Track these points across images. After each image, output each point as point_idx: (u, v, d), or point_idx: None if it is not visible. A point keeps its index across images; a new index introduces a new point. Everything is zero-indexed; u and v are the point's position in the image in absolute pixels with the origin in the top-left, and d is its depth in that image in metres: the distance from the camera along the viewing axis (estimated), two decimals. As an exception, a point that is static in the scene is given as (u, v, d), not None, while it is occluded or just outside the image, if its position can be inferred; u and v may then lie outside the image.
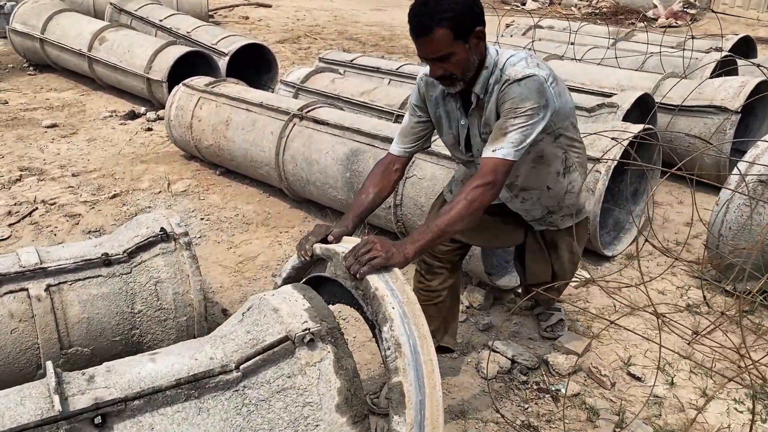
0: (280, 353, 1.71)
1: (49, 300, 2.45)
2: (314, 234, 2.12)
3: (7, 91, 7.15)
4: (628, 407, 2.87)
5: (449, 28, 1.99)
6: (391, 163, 2.41)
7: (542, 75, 2.09)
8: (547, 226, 2.68)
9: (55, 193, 4.73)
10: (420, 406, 1.66)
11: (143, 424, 1.57)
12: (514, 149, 2.04)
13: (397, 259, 1.88)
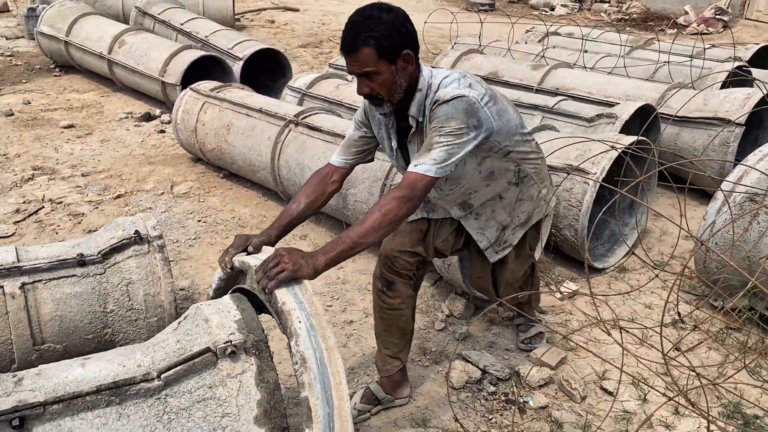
0: (202, 364, 1.76)
1: (23, 297, 2.55)
2: (234, 246, 2.15)
3: (31, 92, 7.39)
4: (595, 421, 2.85)
5: (374, 47, 2.03)
6: (329, 175, 2.44)
7: (472, 96, 2.10)
8: (501, 252, 2.67)
9: (62, 192, 4.89)
10: (328, 418, 1.70)
11: (62, 427, 1.64)
12: (436, 166, 2.06)
13: (305, 272, 1.89)
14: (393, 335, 2.74)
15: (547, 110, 4.91)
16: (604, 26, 12.49)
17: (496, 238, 2.62)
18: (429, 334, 3.36)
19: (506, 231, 2.63)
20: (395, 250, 2.64)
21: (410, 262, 2.65)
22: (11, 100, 7.02)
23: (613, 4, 14.72)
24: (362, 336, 3.29)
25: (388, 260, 2.66)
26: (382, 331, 2.75)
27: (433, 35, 10.44)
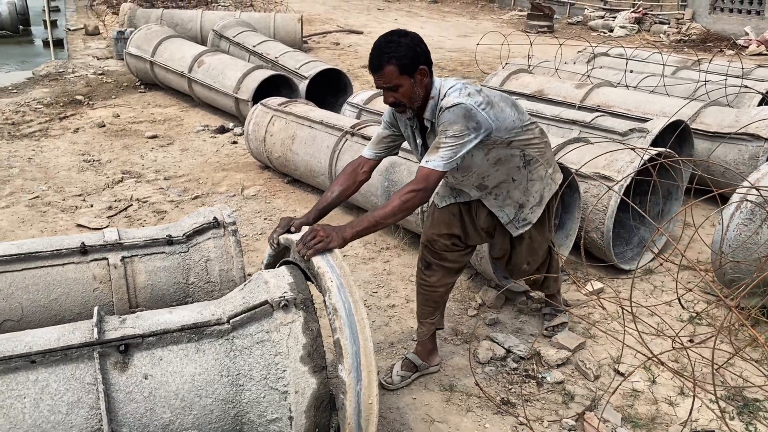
0: (261, 313, 2.26)
1: (123, 268, 3.13)
2: (280, 226, 2.69)
3: (120, 107, 8.23)
4: (605, 397, 3.23)
5: (395, 65, 2.54)
6: (360, 166, 2.95)
7: (470, 103, 2.57)
8: (521, 228, 3.09)
9: (148, 193, 5.57)
10: (356, 355, 2.18)
11: (155, 355, 2.18)
12: (443, 162, 2.55)
13: (336, 242, 2.42)
14: (428, 306, 3.23)
15: (584, 125, 5.29)
16: (662, 47, 12.68)
17: (514, 215, 3.04)
18: (462, 318, 3.80)
19: (524, 209, 3.04)
20: (434, 234, 3.13)
21: (447, 245, 3.13)
22: (102, 113, 7.86)
23: (673, 26, 14.83)
24: (402, 318, 3.77)
25: (429, 243, 3.16)
26: (421, 303, 3.25)
27: (489, 56, 10.94)
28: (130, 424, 2.13)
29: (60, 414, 2.06)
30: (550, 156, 3.07)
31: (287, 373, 2.23)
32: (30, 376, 2.07)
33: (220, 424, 2.25)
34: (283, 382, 2.23)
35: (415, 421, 2.96)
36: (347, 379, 2.19)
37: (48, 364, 2.10)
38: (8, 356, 2.06)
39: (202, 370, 2.22)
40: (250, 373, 2.24)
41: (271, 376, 2.23)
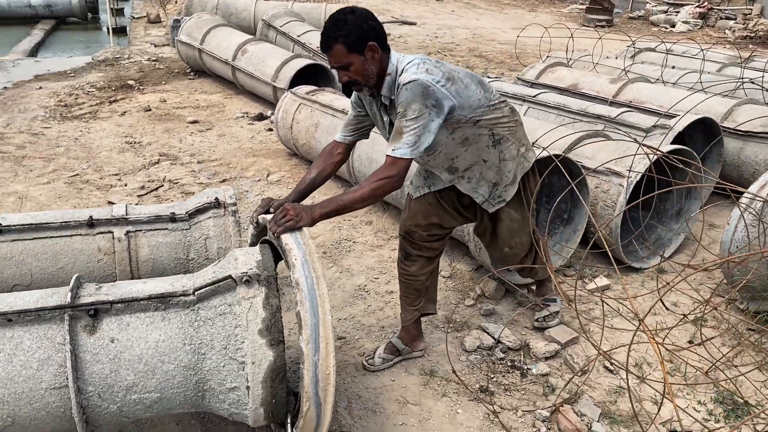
0: (225, 287, 2.37)
1: (126, 242, 3.31)
2: (261, 206, 2.75)
3: (168, 92, 8.55)
4: (589, 392, 3.21)
5: (342, 44, 2.52)
6: (335, 148, 2.99)
7: (427, 79, 2.51)
8: (497, 204, 3.05)
9: (180, 175, 5.80)
10: (315, 327, 2.26)
11: (123, 321, 2.32)
12: (409, 149, 2.53)
13: (305, 221, 2.49)
14: (410, 294, 3.27)
15: (608, 120, 5.20)
16: (725, 44, 12.21)
17: (489, 193, 3.01)
18: (458, 308, 3.83)
19: (498, 187, 3.00)
20: (412, 225, 3.16)
21: (424, 235, 3.16)
22: (151, 98, 8.19)
23: (740, 22, 14.22)
24: (398, 304, 3.79)
25: (407, 235, 3.19)
26: (403, 291, 3.29)
27: (543, 49, 10.77)
28: (95, 383, 2.28)
29: (31, 369, 2.23)
30: (521, 134, 3.02)
31: (245, 344, 2.33)
32: (6, 333, 2.25)
33: (182, 389, 2.38)
34: (241, 353, 2.33)
35: (389, 402, 3.03)
36: (305, 350, 2.28)
37: (23, 323, 2.27)
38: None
39: (166, 338, 2.35)
40: (211, 343, 2.36)
41: (231, 346, 2.34)
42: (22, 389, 2.23)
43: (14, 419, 2.26)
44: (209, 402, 2.45)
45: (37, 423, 2.31)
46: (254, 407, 2.39)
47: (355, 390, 3.08)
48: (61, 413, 2.30)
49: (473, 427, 2.90)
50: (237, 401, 2.40)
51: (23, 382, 2.23)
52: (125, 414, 2.39)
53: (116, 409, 2.36)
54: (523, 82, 6.90)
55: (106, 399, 2.32)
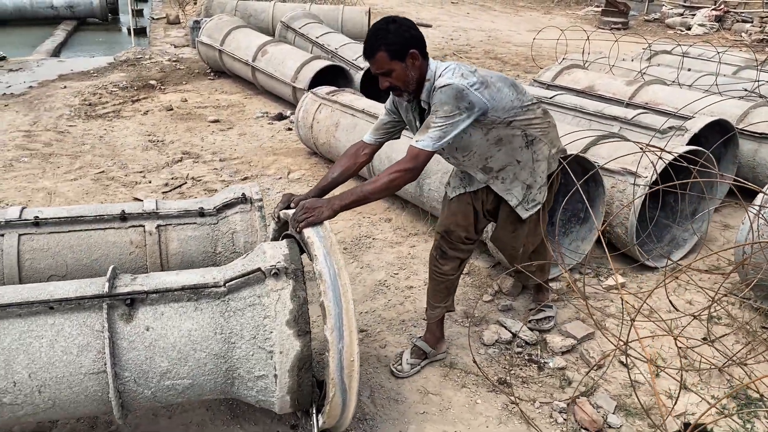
0: (254, 279, 2.48)
1: (157, 235, 3.43)
2: (282, 201, 2.88)
3: (189, 92, 8.70)
4: (604, 385, 3.29)
5: (385, 51, 2.64)
6: (361, 149, 3.08)
7: (461, 84, 2.62)
8: (531, 209, 3.10)
9: (203, 172, 5.92)
10: (338, 316, 2.36)
11: (157, 310, 2.44)
12: (432, 142, 2.63)
13: (326, 214, 2.60)
14: (440, 292, 3.34)
15: (624, 121, 5.27)
16: (741, 47, 12.19)
17: (523, 196, 3.07)
18: (476, 303, 3.92)
19: (532, 190, 3.07)
20: (451, 224, 3.22)
21: (462, 236, 3.22)
22: (172, 97, 8.34)
23: (756, 24, 14.17)
24: (418, 299, 3.92)
25: (446, 234, 3.25)
26: (434, 289, 3.35)
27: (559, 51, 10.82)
28: (131, 369, 2.39)
29: (71, 354, 2.35)
30: (554, 136, 3.10)
31: (274, 334, 2.43)
32: (48, 320, 2.37)
33: (213, 377, 2.49)
34: (269, 342, 2.44)
35: (410, 392, 3.12)
36: (330, 338, 2.38)
37: (64, 311, 2.39)
38: (30, 301, 2.36)
39: (198, 327, 2.46)
40: (241, 333, 2.46)
41: (260, 336, 2.45)
42: (63, 373, 2.35)
43: (55, 402, 2.38)
44: (238, 389, 2.55)
45: (75, 406, 2.42)
46: (281, 395, 2.49)
47: (378, 380, 3.18)
48: (98, 397, 2.41)
49: (492, 417, 2.98)
50: (265, 389, 2.50)
51: (64, 367, 2.34)
52: (158, 399, 2.50)
53: (150, 395, 2.47)
54: (539, 84, 6.97)
55: (141, 384, 2.43)
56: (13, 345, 2.30)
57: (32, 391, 2.32)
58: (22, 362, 2.31)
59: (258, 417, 2.92)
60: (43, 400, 2.35)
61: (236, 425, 2.88)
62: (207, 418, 2.92)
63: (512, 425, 2.95)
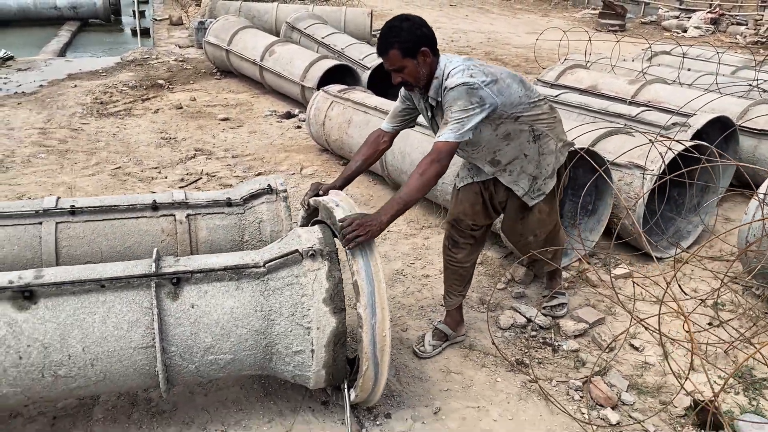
0: (292, 260, 2.63)
1: (187, 224, 3.57)
2: (311, 190, 3.05)
3: (197, 91, 8.83)
4: (617, 366, 3.45)
5: (398, 49, 2.77)
6: (381, 137, 3.23)
7: (472, 82, 2.74)
8: (536, 198, 3.27)
9: (217, 168, 6.06)
10: (371, 294, 2.52)
11: (201, 289, 2.59)
12: (453, 134, 2.75)
13: (374, 232, 2.65)
14: (456, 281, 3.49)
15: (629, 118, 5.44)
16: (737, 48, 12.40)
17: (529, 187, 3.23)
18: (491, 290, 4.07)
19: (538, 181, 3.22)
20: (460, 213, 3.38)
21: (469, 224, 3.38)
22: (181, 96, 8.47)
23: (751, 27, 14.41)
24: (434, 287, 4.07)
25: (455, 223, 3.41)
26: (449, 277, 3.51)
27: (556, 53, 11.01)
28: (177, 344, 2.54)
29: (122, 330, 2.49)
30: (560, 131, 3.25)
31: (311, 311, 2.58)
32: (100, 298, 2.51)
33: (253, 352, 2.64)
34: (307, 319, 2.59)
35: (434, 371, 3.28)
36: (364, 314, 2.54)
37: (114, 289, 2.53)
38: (84, 280, 2.50)
39: (240, 305, 2.61)
40: (280, 310, 2.61)
41: (298, 313, 2.60)
42: (114, 348, 2.49)
43: (106, 375, 2.52)
44: (275, 364, 2.70)
45: (125, 380, 2.57)
46: (317, 369, 2.64)
47: (402, 361, 3.33)
48: (146, 371, 2.56)
49: (512, 393, 3.14)
50: (301, 363, 2.65)
51: (115, 342, 2.49)
52: (201, 374, 2.65)
53: (194, 369, 2.61)
54: (542, 83, 7.15)
55: (186, 359, 2.57)
56: (68, 320, 2.45)
57: (85, 364, 2.47)
58: (77, 336, 2.45)
59: (290, 394, 3.07)
60: (95, 372, 2.49)
61: (270, 402, 3.02)
62: (241, 395, 3.07)
63: (531, 401, 3.11)
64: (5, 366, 2.37)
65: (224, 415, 2.93)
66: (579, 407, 3.10)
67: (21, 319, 2.40)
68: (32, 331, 2.40)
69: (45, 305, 2.44)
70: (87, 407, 2.96)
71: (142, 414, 2.93)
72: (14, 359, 2.38)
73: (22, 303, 2.42)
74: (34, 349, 2.40)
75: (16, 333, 2.39)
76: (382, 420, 2.93)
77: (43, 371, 2.42)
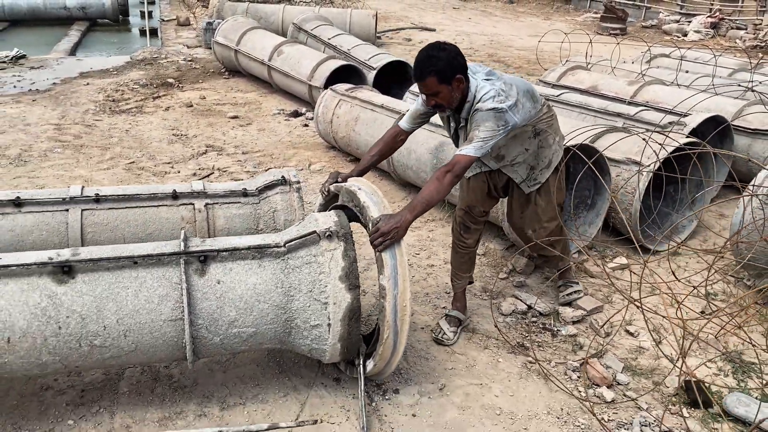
0: (310, 240, 2.83)
1: (205, 213, 3.76)
2: (330, 177, 3.29)
3: (206, 90, 9.03)
4: (613, 349, 3.64)
5: (435, 77, 2.98)
6: (398, 134, 3.44)
7: (502, 107, 3.00)
8: (532, 186, 3.56)
9: (227, 164, 6.26)
10: (394, 267, 2.72)
11: (226, 266, 2.78)
12: (474, 150, 3.00)
13: (402, 233, 2.83)
14: (465, 264, 3.74)
15: (627, 117, 5.64)
16: (735, 52, 12.60)
17: (527, 175, 3.52)
18: (493, 280, 4.27)
19: (535, 171, 3.51)
20: (472, 200, 3.66)
21: (480, 211, 3.66)
22: (191, 95, 8.67)
23: (750, 32, 14.62)
24: (439, 275, 4.27)
25: (468, 209, 3.66)
26: (458, 261, 3.75)
27: (557, 55, 11.21)
28: (204, 317, 2.73)
29: (153, 303, 2.68)
30: (557, 126, 3.55)
31: (328, 288, 2.78)
32: (132, 273, 2.70)
33: (273, 326, 2.83)
34: (324, 295, 2.78)
35: (439, 351, 3.47)
36: (387, 285, 2.74)
37: (146, 266, 2.73)
38: (118, 257, 2.70)
39: (262, 281, 2.80)
40: (299, 287, 2.81)
41: (316, 289, 2.79)
42: (145, 320, 2.68)
43: (137, 346, 2.71)
44: (294, 338, 2.89)
45: (154, 351, 2.76)
46: (333, 342, 2.83)
47: (409, 342, 3.52)
48: (174, 342, 2.75)
49: (513, 373, 3.33)
50: (318, 337, 2.84)
51: (146, 314, 2.68)
52: (225, 346, 2.84)
53: (219, 341, 2.81)
54: (544, 84, 7.35)
55: (211, 331, 2.77)
56: (103, 294, 2.64)
57: (119, 335, 2.66)
58: (111, 309, 2.64)
59: (303, 372, 3.26)
60: (127, 343, 2.69)
61: (285, 378, 3.21)
62: (258, 372, 3.26)
63: (531, 380, 3.30)
64: (46, 335, 2.57)
65: (242, 390, 3.13)
66: (576, 386, 3.29)
67: (60, 292, 2.60)
68: (71, 303, 2.60)
69: (83, 279, 2.63)
70: (113, 382, 3.16)
71: (164, 388, 3.12)
72: (54, 329, 2.57)
73: (61, 277, 2.61)
74: (72, 320, 2.59)
75: (56, 305, 2.58)
76: (390, 395, 3.12)
77: (80, 341, 2.62)
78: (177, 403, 3.03)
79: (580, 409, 3.11)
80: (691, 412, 3.15)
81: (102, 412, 2.94)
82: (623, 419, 3.07)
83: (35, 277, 2.61)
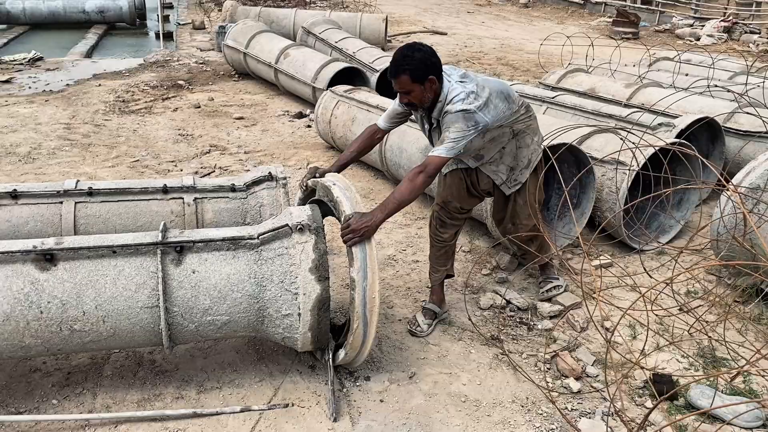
0: (283, 233, 2.95)
1: (194, 206, 3.90)
2: (309, 172, 3.40)
3: (215, 91, 9.23)
4: (586, 344, 3.72)
5: (408, 75, 3.09)
6: (376, 133, 3.56)
7: (470, 107, 3.09)
8: (513, 187, 3.65)
9: (229, 163, 6.42)
10: (363, 259, 2.85)
11: (202, 257, 2.92)
12: (446, 150, 3.10)
13: (372, 231, 2.94)
14: (441, 257, 3.85)
15: (619, 119, 5.70)
16: (740, 54, 12.54)
17: (507, 177, 3.62)
18: (476, 275, 4.37)
19: (515, 171, 3.61)
20: (448, 196, 3.75)
21: (457, 207, 3.75)
22: (200, 96, 8.88)
23: (764, 36, 14.52)
24: (422, 271, 4.37)
25: (444, 205, 3.77)
26: (434, 255, 3.86)
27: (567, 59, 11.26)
28: (179, 305, 2.87)
29: (130, 291, 2.83)
30: (535, 127, 3.62)
31: (299, 279, 2.91)
32: (112, 262, 2.85)
33: (246, 315, 2.96)
34: (295, 285, 2.91)
35: (413, 342, 3.59)
36: (356, 277, 2.86)
37: (125, 255, 2.87)
38: (97, 246, 2.85)
39: (235, 272, 2.94)
40: (271, 277, 2.93)
41: (287, 280, 2.92)
42: (123, 306, 2.83)
43: (115, 331, 2.86)
44: (267, 327, 3.02)
45: (132, 336, 2.91)
46: (303, 331, 2.96)
47: (385, 333, 3.64)
48: (151, 328, 2.89)
49: (483, 363, 3.43)
50: (290, 326, 2.97)
51: (124, 301, 2.83)
52: (200, 333, 2.98)
53: (194, 328, 2.94)
54: (544, 86, 7.43)
55: (186, 319, 2.91)
56: (83, 281, 2.79)
57: (98, 320, 2.81)
58: (90, 295, 2.79)
59: (280, 359, 3.39)
60: (106, 328, 2.84)
61: (262, 365, 3.35)
62: (237, 359, 3.39)
63: (500, 371, 3.40)
64: (28, 319, 2.73)
65: (220, 375, 3.26)
66: (545, 377, 3.37)
67: (42, 279, 2.75)
68: (52, 289, 2.75)
69: (64, 267, 2.79)
70: (98, 365, 3.31)
71: (146, 372, 3.27)
72: (36, 313, 2.73)
73: (44, 265, 2.77)
74: (53, 305, 2.75)
75: (38, 290, 2.74)
76: (361, 382, 3.24)
77: (60, 325, 2.77)
78: (156, 386, 3.17)
79: (545, 399, 3.20)
80: (655, 404, 3.21)
81: (85, 393, 3.10)
82: (587, 409, 3.16)
83: (19, 264, 2.77)
